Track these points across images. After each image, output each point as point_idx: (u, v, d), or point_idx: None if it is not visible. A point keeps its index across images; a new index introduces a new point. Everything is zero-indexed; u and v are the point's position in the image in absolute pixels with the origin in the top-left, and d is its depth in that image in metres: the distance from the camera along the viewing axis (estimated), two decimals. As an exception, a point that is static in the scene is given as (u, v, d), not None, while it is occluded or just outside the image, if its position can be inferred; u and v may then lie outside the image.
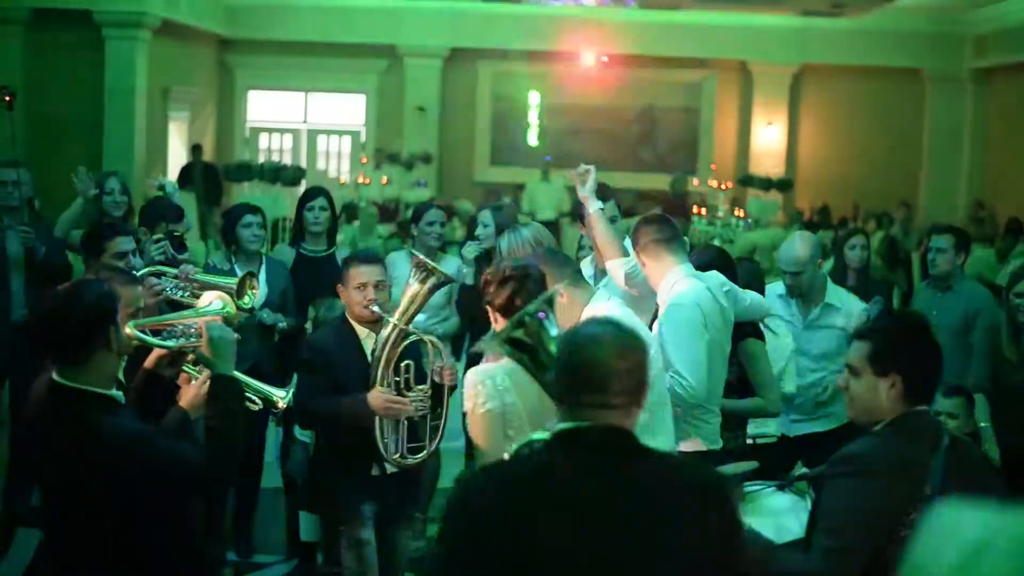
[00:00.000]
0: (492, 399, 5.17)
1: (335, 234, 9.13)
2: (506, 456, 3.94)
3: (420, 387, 6.33)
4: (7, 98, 8.34)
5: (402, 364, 6.34)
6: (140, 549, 4.48)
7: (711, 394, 6.30)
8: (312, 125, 26.96)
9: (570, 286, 5.60)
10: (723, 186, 23.54)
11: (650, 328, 6.19)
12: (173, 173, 22.78)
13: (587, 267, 7.30)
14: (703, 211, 20.54)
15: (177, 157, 23.53)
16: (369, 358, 6.40)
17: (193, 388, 4.99)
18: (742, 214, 20.45)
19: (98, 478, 4.35)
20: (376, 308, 6.38)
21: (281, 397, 5.44)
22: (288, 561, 8.38)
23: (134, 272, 6.68)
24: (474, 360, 7.09)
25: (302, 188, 15.73)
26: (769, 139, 25.72)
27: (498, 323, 5.21)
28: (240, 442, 4.70)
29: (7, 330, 8.06)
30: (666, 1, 23.86)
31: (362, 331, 6.52)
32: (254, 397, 5.32)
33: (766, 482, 5.27)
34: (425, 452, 6.37)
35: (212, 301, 5.11)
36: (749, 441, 7.14)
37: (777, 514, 4.90)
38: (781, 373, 7.36)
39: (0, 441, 9.29)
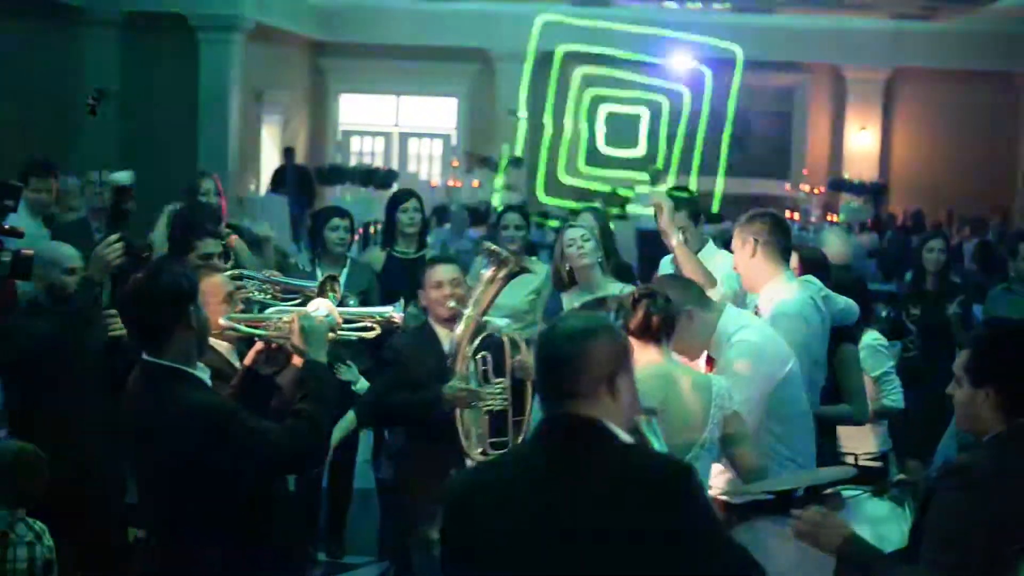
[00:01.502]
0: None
1: (425, 236, 9.15)
2: None
3: (498, 380, 6.31)
4: (91, 101, 8.38)
5: (478, 356, 6.32)
6: (230, 536, 4.53)
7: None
8: (404, 128, 27.11)
9: (695, 307, 5.56)
10: (815, 191, 23.38)
11: None
12: (266, 176, 23.01)
13: (668, 267, 7.26)
14: (795, 216, 20.41)
15: (270, 160, 23.74)
16: (448, 358, 6.40)
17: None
18: (835, 219, 20.30)
19: (180, 450, 4.43)
20: (453, 304, 6.41)
21: (394, 310, 5.47)
22: (379, 563, 8.40)
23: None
24: None
25: (394, 191, 15.81)
26: (862, 143, 25.51)
27: (636, 349, 5.15)
28: (327, 430, 4.74)
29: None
30: (759, 4, 23.74)
31: (442, 331, 6.51)
32: (372, 324, 5.34)
33: (862, 487, 5.18)
34: (509, 447, 6.33)
35: (319, 308, 5.13)
36: (850, 459, 7.02)
37: (876, 522, 4.81)
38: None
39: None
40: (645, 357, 4.99)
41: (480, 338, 6.29)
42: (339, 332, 5.17)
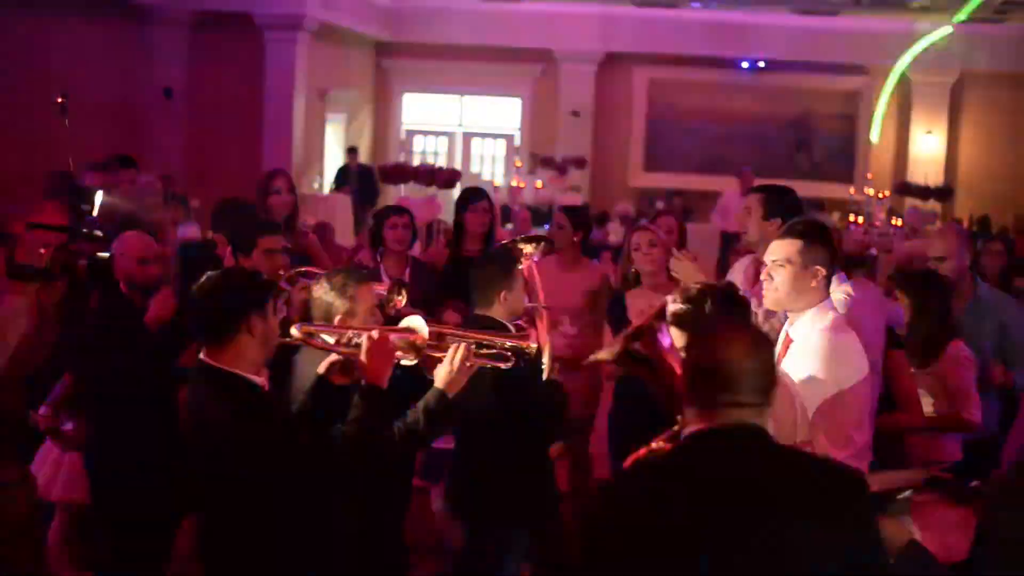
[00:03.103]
0: None
1: (492, 236, 9.16)
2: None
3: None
4: (59, 100, 8.37)
5: None
6: (279, 542, 4.55)
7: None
8: (467, 128, 27.16)
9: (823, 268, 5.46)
10: (880, 195, 23.21)
11: None
12: (329, 174, 23.10)
13: (739, 271, 7.23)
14: (859, 220, 20.26)
15: (333, 159, 23.83)
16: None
17: (444, 367, 5.10)
18: (899, 223, 20.13)
19: (216, 455, 4.48)
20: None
21: (532, 344, 5.50)
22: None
23: (282, 270, 6.83)
24: None
25: (457, 191, 15.81)
26: (928, 147, 25.30)
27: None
28: (370, 457, 4.69)
29: None
30: (824, 7, 23.59)
31: None
32: (507, 354, 5.41)
33: (938, 491, 5.04)
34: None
35: (412, 324, 5.13)
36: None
37: (945, 530, 4.68)
38: None
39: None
40: None
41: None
42: (474, 359, 5.22)
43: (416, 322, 5.12)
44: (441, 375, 5.11)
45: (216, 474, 4.51)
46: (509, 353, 5.39)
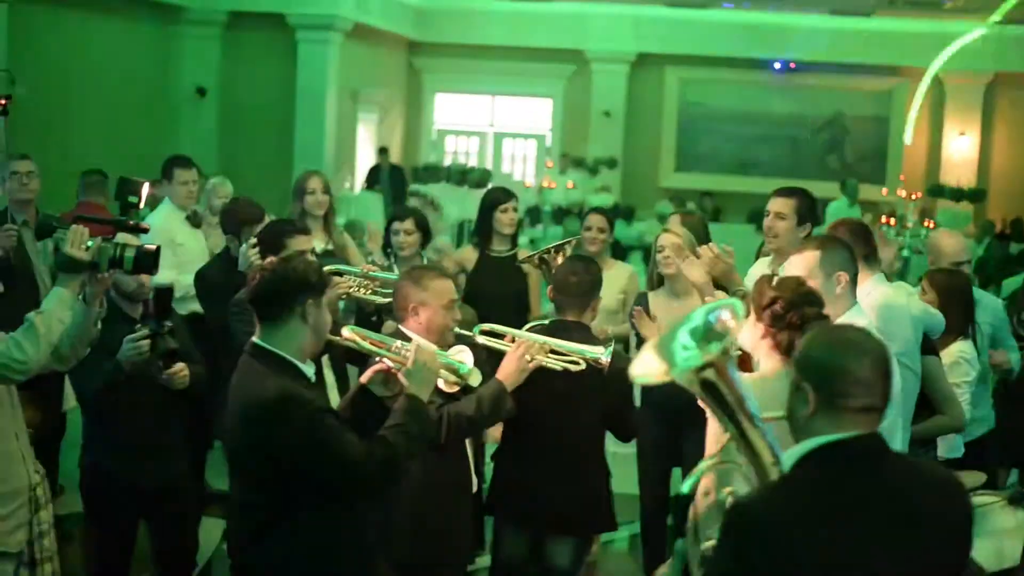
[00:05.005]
0: None
1: (518, 235, 9.18)
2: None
3: None
4: (1, 102, 8.40)
5: None
6: (303, 535, 4.57)
7: (903, 407, 6.11)
8: (498, 128, 27.18)
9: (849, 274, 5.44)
10: (912, 196, 23.12)
11: None
12: (361, 174, 23.15)
13: (764, 268, 7.21)
14: (891, 221, 20.18)
15: (365, 159, 23.87)
16: None
17: (508, 357, 5.37)
18: (932, 225, 20.05)
19: (249, 430, 4.54)
20: None
21: (602, 353, 5.64)
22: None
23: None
24: None
25: (489, 189, 15.84)
26: (961, 149, 25.20)
27: (769, 358, 4.76)
28: (404, 462, 4.72)
29: None
30: (857, 8, 23.50)
31: None
32: (578, 359, 5.61)
33: (997, 492, 4.99)
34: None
35: (461, 355, 5.22)
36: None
37: (1000, 535, 4.58)
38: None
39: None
40: (773, 362, 4.73)
41: None
42: (544, 361, 5.53)
43: (464, 353, 5.21)
44: (501, 367, 5.47)
45: (255, 455, 4.55)
46: (579, 358, 5.60)
